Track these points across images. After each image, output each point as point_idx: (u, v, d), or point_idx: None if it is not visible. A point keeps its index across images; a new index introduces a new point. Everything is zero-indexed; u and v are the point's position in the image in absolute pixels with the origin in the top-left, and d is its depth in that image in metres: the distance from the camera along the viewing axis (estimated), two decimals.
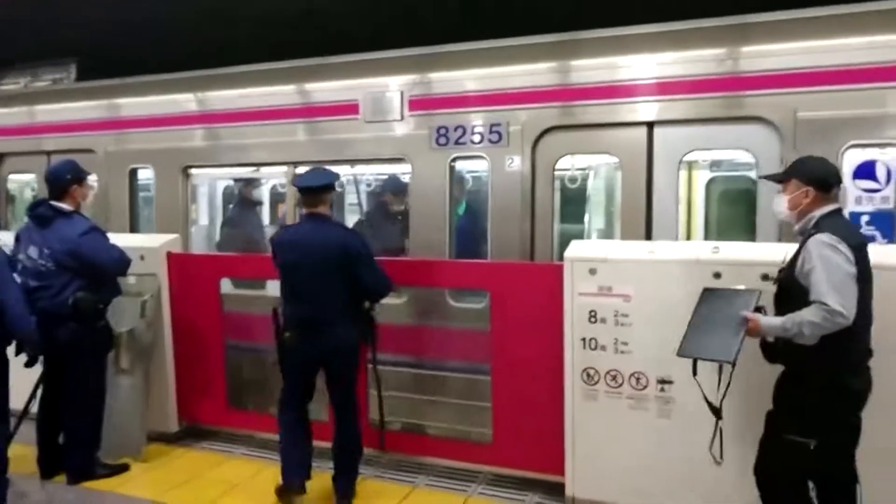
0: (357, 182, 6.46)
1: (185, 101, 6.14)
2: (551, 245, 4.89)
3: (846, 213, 4.20)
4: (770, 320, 3.06)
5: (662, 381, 3.84)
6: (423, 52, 5.24)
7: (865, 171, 4.19)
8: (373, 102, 5.33)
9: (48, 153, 6.81)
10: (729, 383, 3.28)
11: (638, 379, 3.89)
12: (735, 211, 5.73)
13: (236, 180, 6.91)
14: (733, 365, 3.11)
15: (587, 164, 5.35)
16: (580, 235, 5.47)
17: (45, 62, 7.35)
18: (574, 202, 5.43)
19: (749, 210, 5.57)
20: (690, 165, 6.28)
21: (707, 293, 3.47)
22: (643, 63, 4.61)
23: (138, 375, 5.03)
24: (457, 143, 5.06)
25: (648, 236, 4.62)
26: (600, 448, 3.97)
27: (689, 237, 5.35)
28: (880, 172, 4.17)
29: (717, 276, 3.67)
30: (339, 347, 4.08)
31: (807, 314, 2.89)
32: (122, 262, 4.52)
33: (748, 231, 5.20)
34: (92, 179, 4.90)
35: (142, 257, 5.08)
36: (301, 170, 5.70)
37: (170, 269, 5.18)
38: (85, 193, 4.66)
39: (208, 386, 5.21)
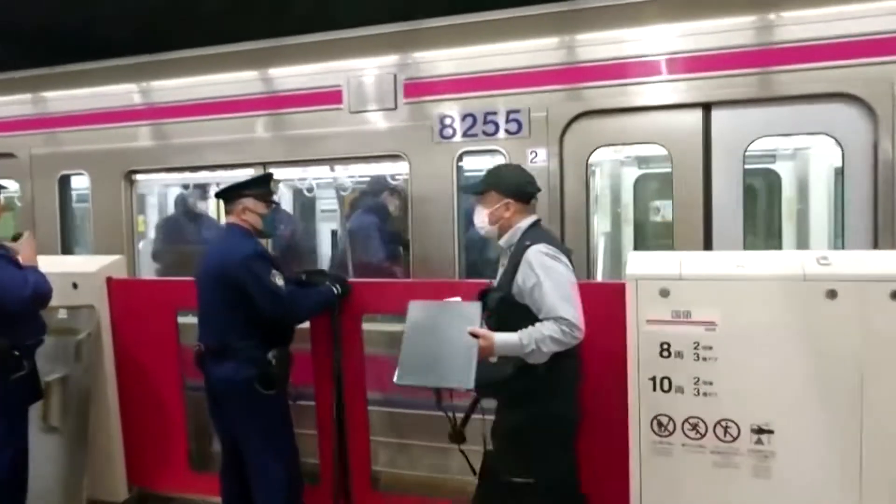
0: (338, 186, 5.52)
1: (129, 93, 5.08)
2: (586, 258, 4.02)
3: None
4: (505, 336, 2.76)
5: (759, 431, 3.00)
6: (420, 25, 4.32)
7: None
8: (359, 89, 4.38)
9: None
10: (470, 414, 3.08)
11: (726, 428, 3.04)
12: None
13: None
14: (472, 389, 2.75)
15: (628, 157, 4.52)
16: (619, 246, 4.63)
17: None
18: (613, 204, 4.58)
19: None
20: None
21: (416, 308, 3.02)
22: (697, 31, 3.77)
23: (73, 433, 4.02)
24: (465, 134, 4.16)
25: (707, 245, 3.80)
26: None
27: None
28: None
29: (832, 294, 2.85)
30: (222, 385, 3.44)
31: (545, 329, 2.70)
32: (36, 297, 3.41)
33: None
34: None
35: (75, 285, 4.07)
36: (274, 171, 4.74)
37: (111, 300, 4.15)
38: None
39: (165, 443, 4.19)
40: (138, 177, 5.16)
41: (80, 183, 5.42)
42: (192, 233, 5.67)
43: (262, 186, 3.64)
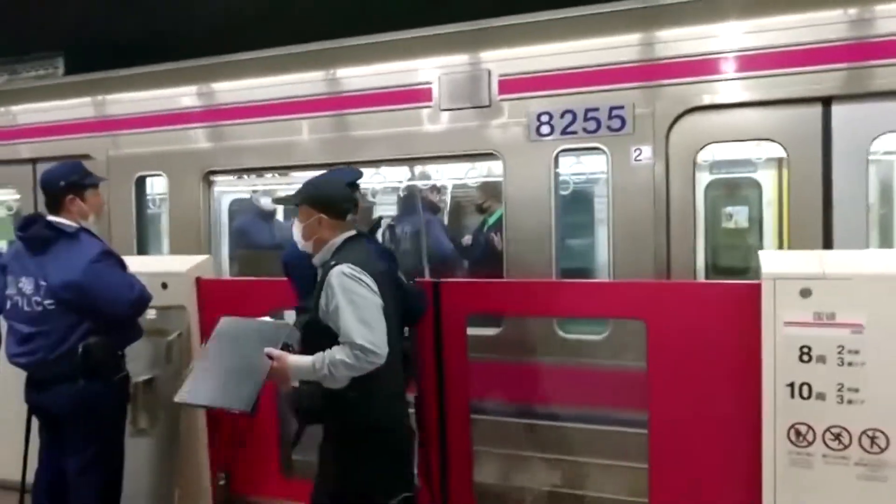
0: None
1: (208, 94, 5.03)
2: (693, 263, 3.85)
3: None
4: (298, 359, 2.76)
5: None
6: (516, 21, 4.20)
7: None
8: (451, 85, 4.27)
9: (33, 161, 5.65)
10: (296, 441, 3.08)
11: (873, 439, 2.85)
12: None
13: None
14: (252, 413, 2.72)
15: (740, 157, 4.34)
16: (727, 252, 4.45)
17: (27, 57, 6.21)
18: (723, 205, 4.41)
19: None
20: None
21: (225, 324, 2.98)
22: (815, 22, 3.60)
23: (163, 437, 3.93)
24: (564, 132, 4.02)
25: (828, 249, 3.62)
26: None
27: None
28: None
29: None
30: None
31: (338, 354, 2.64)
32: (140, 303, 3.41)
33: None
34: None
35: (164, 285, 3.97)
36: None
37: (201, 300, 4.06)
38: (85, 210, 3.53)
39: (255, 447, 4.07)
40: (217, 178, 5.10)
41: (153, 185, 5.39)
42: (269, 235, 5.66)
43: None
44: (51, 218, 3.46)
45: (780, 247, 4.44)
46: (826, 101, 3.60)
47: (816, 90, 3.59)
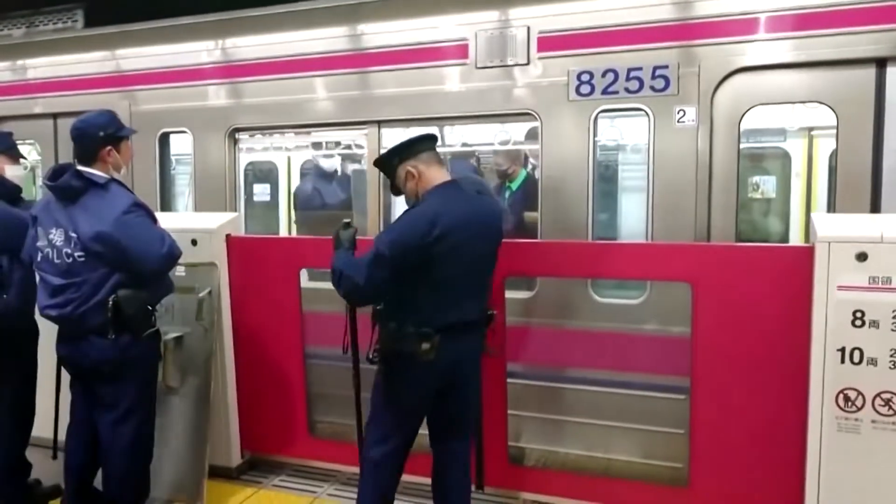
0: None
1: (235, 48, 4.91)
2: (735, 230, 3.77)
3: None
4: None
5: None
6: None
7: None
8: (488, 42, 4.15)
9: (54, 115, 5.56)
10: None
11: None
12: None
13: None
14: None
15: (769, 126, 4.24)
16: (767, 221, 4.37)
17: (47, 10, 6.08)
18: (762, 172, 4.32)
19: None
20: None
21: None
22: None
23: (194, 395, 3.88)
24: (605, 92, 3.91)
25: None
26: (864, 502, 2.89)
27: None
28: None
29: None
30: (473, 361, 3.18)
31: None
32: (170, 257, 3.29)
33: None
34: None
35: (194, 242, 3.91)
36: (390, 132, 4.55)
37: (230, 257, 4.01)
38: (119, 162, 3.44)
39: (282, 408, 4.05)
40: (243, 135, 5.01)
41: (182, 142, 5.30)
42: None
43: None
44: (80, 168, 3.37)
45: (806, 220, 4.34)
46: (881, 63, 3.49)
47: (870, 51, 3.47)
